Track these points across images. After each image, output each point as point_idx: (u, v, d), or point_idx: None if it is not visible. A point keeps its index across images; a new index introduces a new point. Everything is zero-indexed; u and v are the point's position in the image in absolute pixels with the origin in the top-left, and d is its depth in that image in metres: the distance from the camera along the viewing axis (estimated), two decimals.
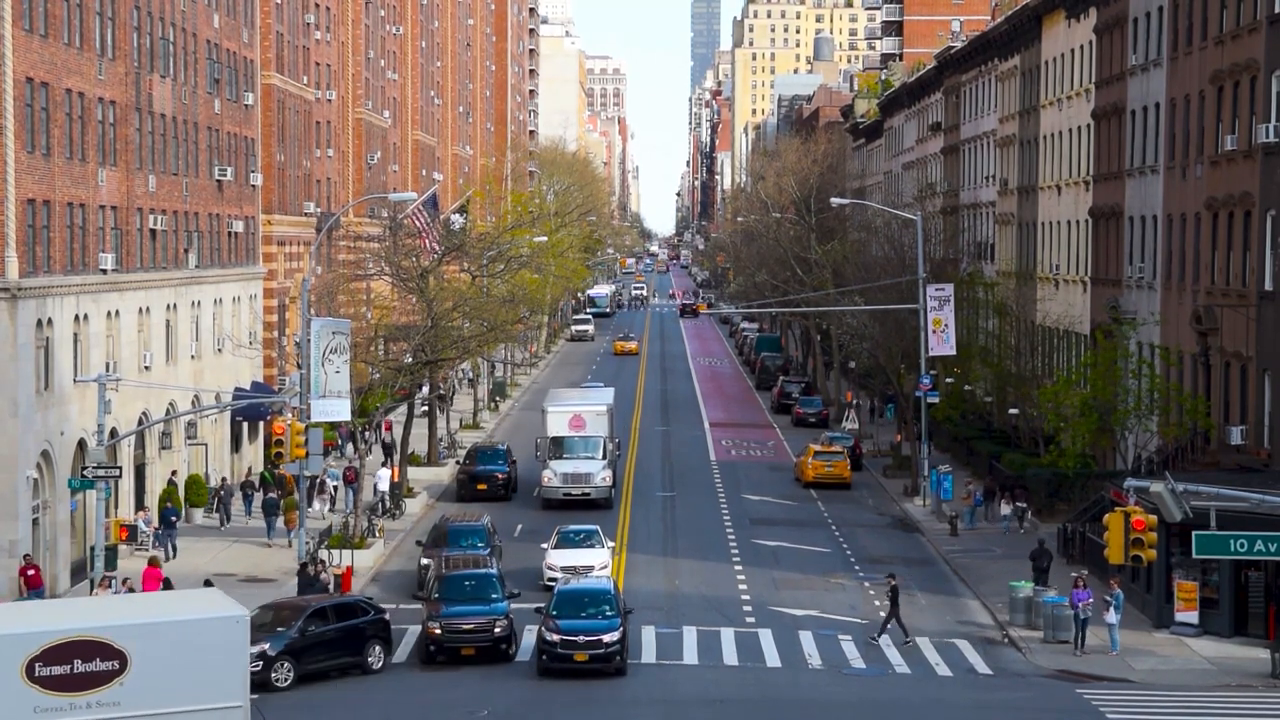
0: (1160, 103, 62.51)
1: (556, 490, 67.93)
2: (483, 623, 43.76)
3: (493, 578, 46.28)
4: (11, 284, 48.65)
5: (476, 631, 43.65)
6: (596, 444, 69.93)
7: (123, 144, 58.52)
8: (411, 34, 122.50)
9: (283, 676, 41.04)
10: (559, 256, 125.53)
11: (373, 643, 43.09)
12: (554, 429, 70.65)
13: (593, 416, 71.46)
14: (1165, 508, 38.69)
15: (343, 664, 42.54)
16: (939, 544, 62.16)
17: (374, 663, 42.89)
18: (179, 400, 63.87)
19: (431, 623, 43.80)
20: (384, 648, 43.40)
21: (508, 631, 44.06)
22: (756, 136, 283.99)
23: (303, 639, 41.81)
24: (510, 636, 44.13)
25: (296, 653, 41.49)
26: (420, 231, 78.31)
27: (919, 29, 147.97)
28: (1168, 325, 61.11)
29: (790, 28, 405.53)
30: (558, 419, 71.16)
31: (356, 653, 42.76)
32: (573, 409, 72.08)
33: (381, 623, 43.68)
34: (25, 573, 48.28)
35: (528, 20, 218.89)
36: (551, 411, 71.85)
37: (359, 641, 42.89)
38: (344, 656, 42.61)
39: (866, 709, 40.27)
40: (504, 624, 44.03)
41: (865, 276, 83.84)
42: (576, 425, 70.84)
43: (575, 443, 69.91)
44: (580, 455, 69.35)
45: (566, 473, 68.34)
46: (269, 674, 40.66)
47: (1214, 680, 43.03)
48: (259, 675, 40.11)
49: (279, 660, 41.08)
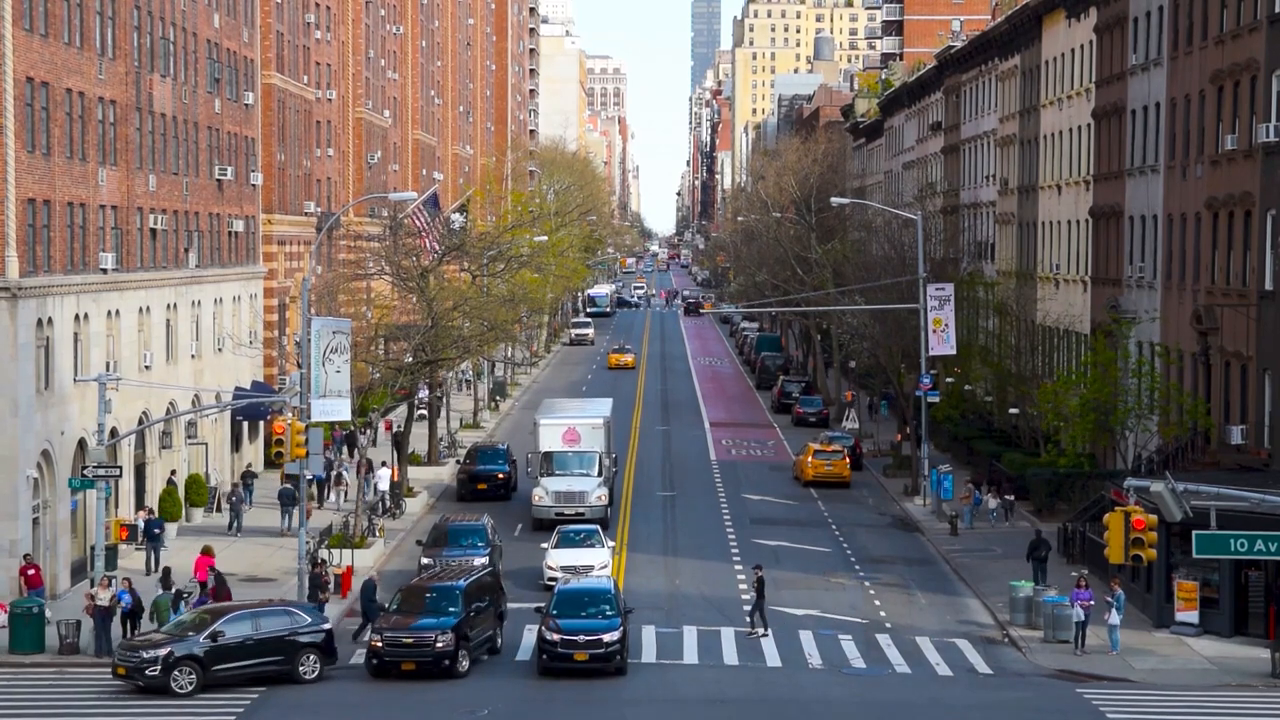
0: (1160, 102, 62.51)
1: (547, 510, 63.02)
2: (423, 637, 41.92)
3: (456, 590, 43.73)
4: (12, 283, 48.64)
5: (416, 646, 41.82)
6: (591, 460, 65.66)
7: (123, 143, 58.51)
8: (412, 33, 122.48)
9: (184, 682, 40.23)
10: (559, 256, 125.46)
11: (306, 652, 41.78)
12: (546, 443, 67.15)
13: (588, 430, 67.77)
14: (1165, 507, 38.69)
15: (262, 673, 41.27)
16: (939, 543, 62.18)
17: (306, 673, 41.64)
18: (179, 400, 63.85)
19: (374, 635, 42.50)
20: (321, 657, 41.95)
21: (451, 647, 41.88)
22: (757, 136, 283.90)
23: (214, 644, 40.82)
24: (455, 652, 41.89)
25: (202, 659, 40.53)
26: (421, 231, 78.28)
27: (919, 28, 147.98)
28: (1168, 325, 61.11)
29: (790, 27, 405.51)
30: (550, 432, 67.67)
31: (286, 662, 41.57)
32: (567, 421, 68.66)
33: (319, 631, 42.30)
34: (25, 572, 48.26)
35: (528, 20, 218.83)
36: (544, 424, 68.39)
37: (289, 650, 41.67)
38: (267, 665, 41.42)
39: (866, 709, 40.28)
40: (447, 639, 41.93)
41: (865, 276, 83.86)
42: (570, 439, 67.27)
43: (569, 458, 65.64)
44: (574, 472, 64.86)
45: (559, 491, 63.57)
46: (168, 678, 40.07)
47: (1214, 680, 43.04)
48: (158, 679, 39.98)
49: (182, 664, 40.26)
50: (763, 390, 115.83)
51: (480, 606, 44.07)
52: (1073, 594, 46.44)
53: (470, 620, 43.06)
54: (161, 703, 39.53)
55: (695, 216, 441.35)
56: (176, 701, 39.66)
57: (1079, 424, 61.10)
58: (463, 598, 43.31)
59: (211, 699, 39.85)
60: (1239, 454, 52.41)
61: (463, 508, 67.08)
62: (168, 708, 39.25)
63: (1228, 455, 53.12)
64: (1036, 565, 53.09)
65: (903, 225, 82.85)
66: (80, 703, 40.14)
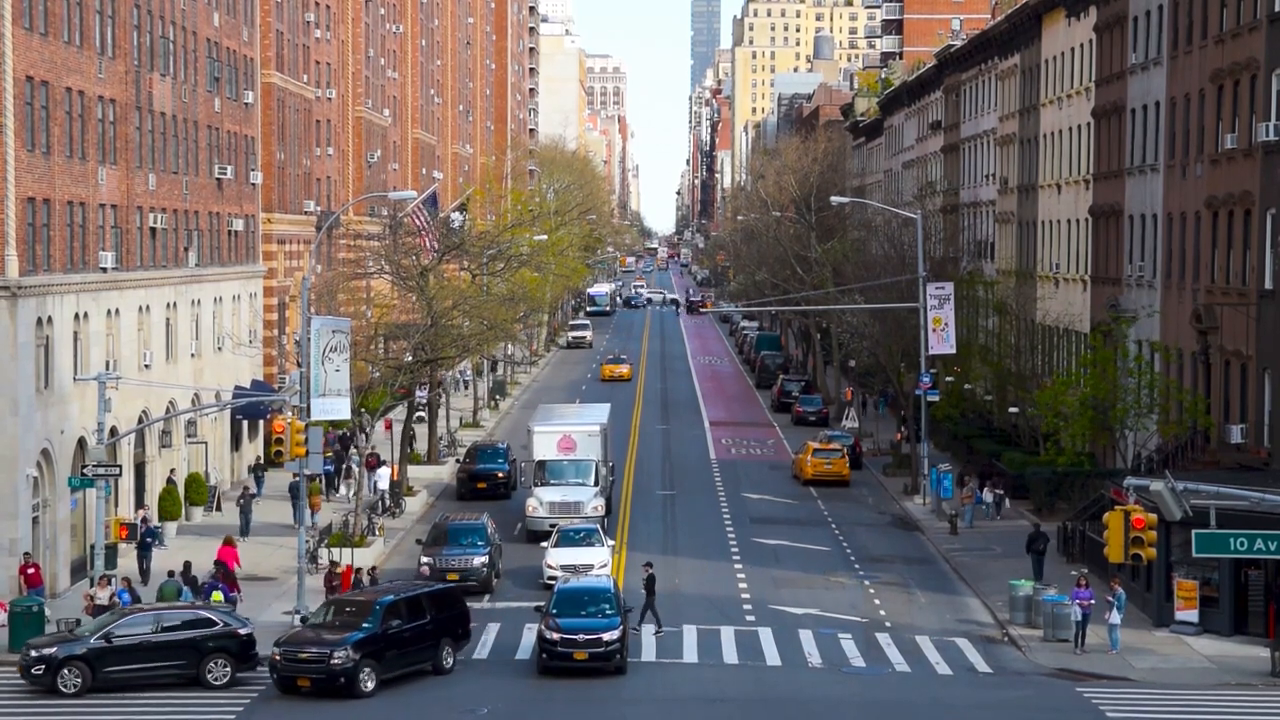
0: (1160, 101, 62.50)
1: (542, 521, 60.98)
2: (319, 653, 40.13)
3: (376, 606, 41.69)
4: (12, 282, 48.63)
5: (311, 662, 40.08)
6: (588, 468, 63.79)
7: (123, 142, 58.51)
8: (411, 32, 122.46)
9: (71, 683, 39.89)
10: (559, 255, 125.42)
11: (215, 656, 41.08)
12: (541, 451, 64.71)
13: (584, 437, 65.37)
14: (1165, 506, 38.69)
15: (162, 676, 40.73)
16: (939, 542, 62.18)
17: (215, 678, 40.90)
18: (179, 399, 63.85)
19: (274, 648, 40.91)
20: (232, 662, 41.11)
21: (349, 664, 39.87)
22: (756, 135, 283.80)
23: (106, 645, 40.47)
24: (355, 670, 39.93)
25: (90, 659, 40.13)
26: (420, 230, 78.28)
27: (919, 27, 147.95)
28: (1168, 324, 61.11)
29: (790, 26, 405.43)
30: (545, 440, 65.23)
31: (190, 666, 40.92)
32: (562, 428, 66.41)
33: (231, 636, 41.56)
34: (25, 571, 48.30)
35: (528, 19, 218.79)
36: (538, 431, 65.86)
37: (194, 654, 40.98)
38: (169, 669, 40.87)
39: (866, 708, 40.27)
40: (344, 655, 39.91)
41: (865, 275, 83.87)
42: (566, 447, 64.93)
43: (564, 467, 63.80)
44: (570, 481, 63.08)
45: (553, 501, 61.83)
46: (55, 678, 39.78)
47: (1214, 679, 43.03)
48: (43, 678, 39.72)
49: (69, 664, 39.96)
50: (762, 389, 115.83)
51: (408, 625, 41.82)
52: (1072, 593, 46.45)
53: (388, 638, 41.07)
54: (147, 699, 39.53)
55: (695, 215, 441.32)
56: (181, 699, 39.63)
57: (1078, 422, 61.09)
58: (382, 614, 41.32)
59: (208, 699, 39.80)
60: (1239, 453, 52.41)
61: (462, 507, 67.07)
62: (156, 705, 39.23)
63: (1227, 454, 53.12)
64: (1035, 559, 53.38)
65: (902, 224, 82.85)
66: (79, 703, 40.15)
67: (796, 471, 77.92)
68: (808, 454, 76.82)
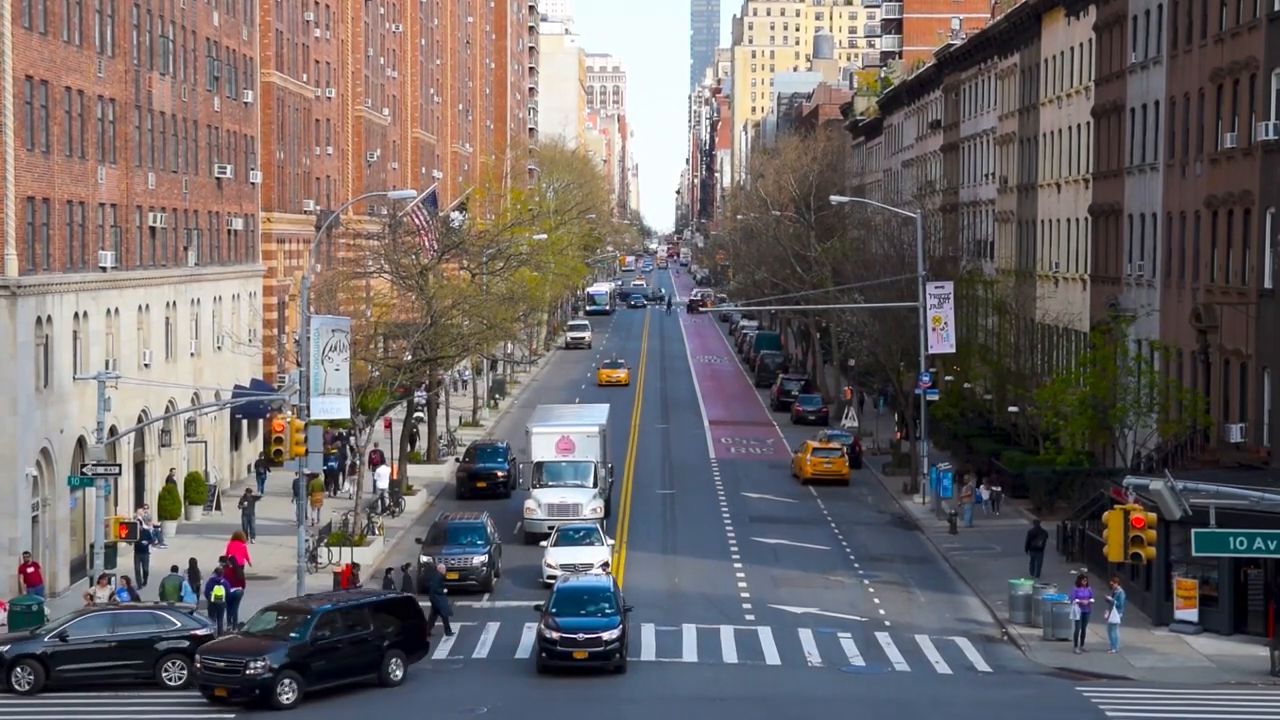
0: (1160, 100, 62.51)
1: (540, 524, 60.37)
2: (236, 662, 38.95)
3: (308, 615, 40.56)
4: (11, 282, 48.64)
5: (226, 671, 38.95)
6: (586, 470, 63.24)
7: (122, 142, 58.51)
8: (411, 32, 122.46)
9: (24, 681, 39.98)
10: (559, 254, 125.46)
11: (171, 658, 40.86)
12: (539, 453, 64.36)
13: (583, 439, 64.98)
14: (1165, 505, 38.69)
15: (113, 676, 40.62)
16: (938, 542, 62.19)
17: (170, 679, 40.66)
18: (179, 398, 63.86)
19: (198, 655, 39.93)
20: (188, 663, 40.39)
21: (267, 675, 38.59)
22: (756, 134, 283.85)
23: (60, 644, 40.51)
24: (273, 682, 38.66)
25: (44, 658, 40.20)
26: (420, 229, 78.29)
27: (919, 27, 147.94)
28: (1167, 323, 61.12)
29: (790, 25, 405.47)
30: (543, 441, 64.90)
31: (146, 667, 40.83)
32: (561, 429, 66.01)
33: (188, 636, 41.11)
34: (25, 570, 48.31)
35: (527, 18, 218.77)
36: (537, 433, 65.58)
37: (150, 655, 40.90)
38: (124, 669, 40.73)
39: (866, 707, 40.27)
40: (261, 665, 38.63)
41: (865, 274, 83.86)
42: (564, 448, 64.58)
43: (563, 469, 63.22)
44: (568, 483, 62.35)
45: (551, 503, 61.13)
46: (9, 677, 39.83)
47: (1213, 678, 43.04)
48: None
49: (21, 663, 40.02)
50: (762, 388, 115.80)
51: (345, 635, 40.63)
52: (1072, 592, 46.46)
53: (317, 649, 39.84)
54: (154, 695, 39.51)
55: (695, 215, 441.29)
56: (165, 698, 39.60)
57: (1077, 422, 61.10)
58: (314, 624, 40.11)
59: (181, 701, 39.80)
60: (1238, 452, 52.43)
61: (462, 506, 67.10)
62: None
63: (1227, 453, 53.13)
64: (1034, 555, 53.44)
65: (902, 223, 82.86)
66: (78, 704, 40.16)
67: (796, 470, 77.93)
68: (807, 453, 76.84)
